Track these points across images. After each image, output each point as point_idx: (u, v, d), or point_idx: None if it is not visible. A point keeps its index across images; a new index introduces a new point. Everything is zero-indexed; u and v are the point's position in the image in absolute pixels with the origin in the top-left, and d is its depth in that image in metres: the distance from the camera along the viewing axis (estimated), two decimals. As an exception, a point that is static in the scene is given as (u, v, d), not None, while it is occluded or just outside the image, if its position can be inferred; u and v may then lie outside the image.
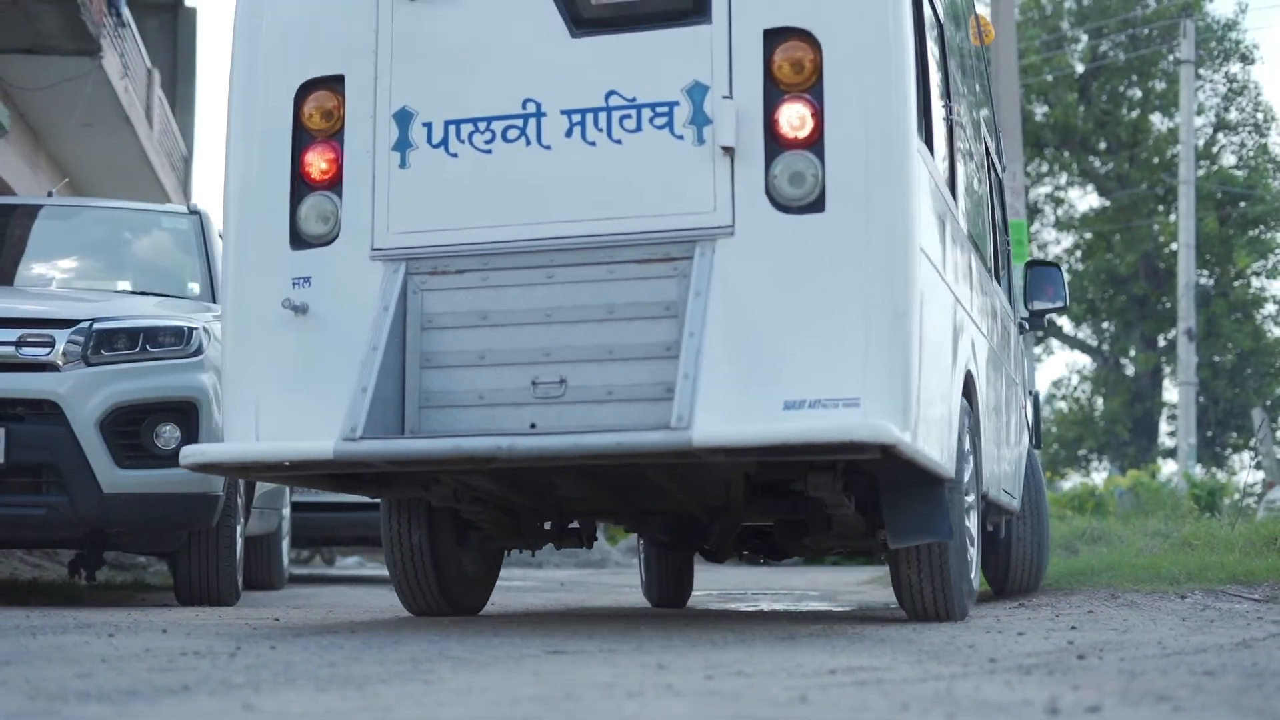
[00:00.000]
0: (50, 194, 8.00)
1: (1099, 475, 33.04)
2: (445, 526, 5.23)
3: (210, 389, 6.06)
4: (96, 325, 5.90)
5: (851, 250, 4.01)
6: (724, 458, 4.05)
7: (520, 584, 10.96)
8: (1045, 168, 34.35)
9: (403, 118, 4.35)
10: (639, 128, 4.19)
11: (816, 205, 4.05)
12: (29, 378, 5.77)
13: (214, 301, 6.96)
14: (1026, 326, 7.62)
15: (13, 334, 5.80)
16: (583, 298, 4.19)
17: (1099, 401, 34.64)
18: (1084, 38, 33.58)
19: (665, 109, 4.18)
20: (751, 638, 4.10)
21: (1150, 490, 21.09)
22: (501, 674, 3.00)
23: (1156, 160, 32.88)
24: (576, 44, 4.26)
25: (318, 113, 4.42)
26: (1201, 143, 32.14)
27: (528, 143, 4.25)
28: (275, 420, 4.32)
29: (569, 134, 4.23)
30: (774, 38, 4.11)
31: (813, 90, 4.07)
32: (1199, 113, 31.52)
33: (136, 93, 15.51)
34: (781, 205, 4.07)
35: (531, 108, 4.26)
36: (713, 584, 11.16)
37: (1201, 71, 31.96)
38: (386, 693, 2.65)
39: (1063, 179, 34.69)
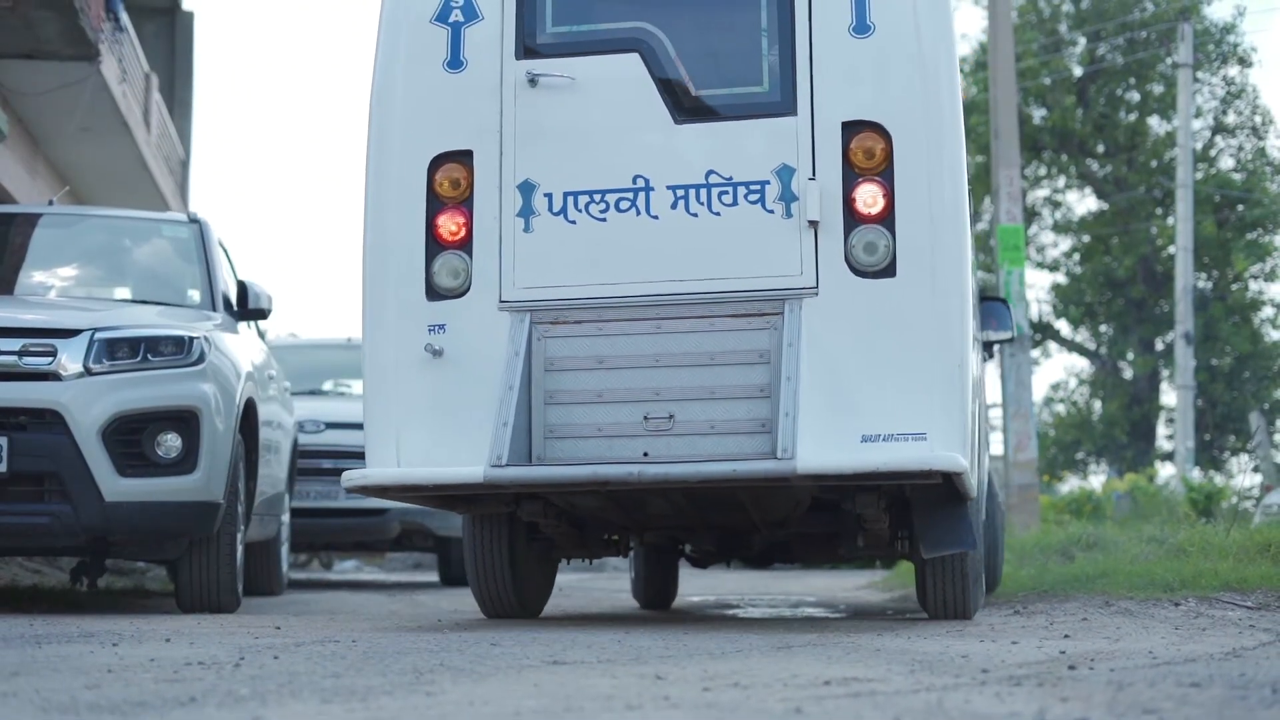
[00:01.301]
0: (51, 202, 8.04)
1: (1096, 479, 33.09)
2: (521, 539, 5.78)
3: (211, 398, 6.10)
4: (98, 335, 5.93)
5: (918, 309, 4.79)
6: (812, 482, 4.76)
7: (519, 589, 10.98)
8: (1043, 171, 34.35)
9: (526, 188, 5.04)
10: (735, 202, 4.94)
11: (888, 271, 4.83)
12: (31, 387, 5.80)
13: (214, 310, 7.00)
14: (987, 356, 8.23)
15: (15, 343, 5.84)
16: (687, 346, 4.90)
17: (1097, 405, 34.66)
18: (1082, 41, 33.62)
19: (758, 187, 4.93)
20: (748, 647, 4.14)
21: (1147, 494, 21.13)
22: (502, 685, 3.05)
23: (1154, 163, 32.88)
24: (679, 129, 5.01)
25: (448, 182, 5.06)
26: (1199, 146, 32.16)
27: (638, 213, 4.98)
28: (415, 448, 4.95)
29: (674, 206, 4.96)
30: (850, 129, 4.90)
31: (884, 173, 4.85)
32: (1197, 116, 31.54)
33: (134, 97, 15.55)
34: (858, 270, 4.84)
35: (641, 183, 4.99)
36: (710, 590, 11.20)
37: (1199, 75, 31.97)
38: (390, 704, 2.70)
39: (1061, 182, 34.70)
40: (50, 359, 5.83)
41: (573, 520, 5.69)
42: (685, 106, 5.03)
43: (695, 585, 11.78)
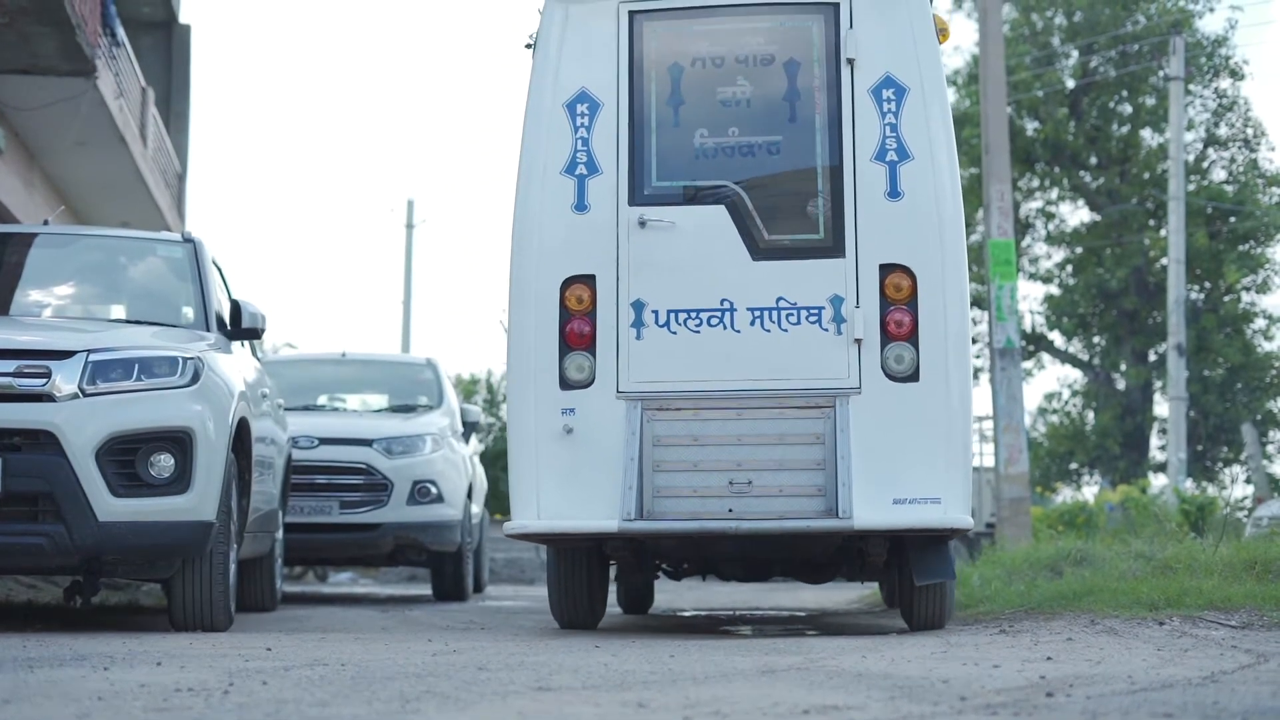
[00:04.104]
0: (46, 222, 8.09)
1: (1090, 490, 33.13)
2: (595, 566, 6.96)
3: (205, 418, 6.14)
4: (92, 356, 5.98)
5: (935, 406, 6.24)
6: (862, 533, 6.21)
7: (512, 603, 11.04)
8: (1036, 183, 34.46)
9: (637, 305, 6.42)
10: (799, 322, 6.36)
11: (913, 377, 6.27)
12: (25, 408, 5.85)
13: (207, 329, 7.05)
14: None
15: (10, 365, 5.88)
16: (762, 429, 6.28)
17: (1090, 416, 34.72)
18: (1074, 54, 33.71)
19: (816, 311, 6.36)
20: (732, 671, 4.19)
21: (1140, 506, 21.16)
22: (486, 713, 3.10)
23: (1147, 175, 32.97)
24: (755, 265, 6.42)
25: (574, 298, 6.42)
26: (1191, 158, 32.24)
27: (724, 328, 6.38)
28: (551, 504, 6.28)
29: (752, 323, 6.37)
30: (886, 269, 6.35)
31: (910, 303, 6.31)
32: (1189, 128, 31.62)
33: (131, 111, 15.60)
34: (891, 376, 6.28)
35: (726, 305, 6.39)
36: (704, 601, 11.24)
37: (1191, 87, 32.05)
38: (374, 736, 2.74)
39: (1054, 194, 34.79)
40: (44, 380, 5.88)
41: (636, 553, 6.94)
42: (760, 248, 6.43)
43: (691, 598, 11.82)
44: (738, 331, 6.36)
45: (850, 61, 6.49)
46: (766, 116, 6.56)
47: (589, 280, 6.42)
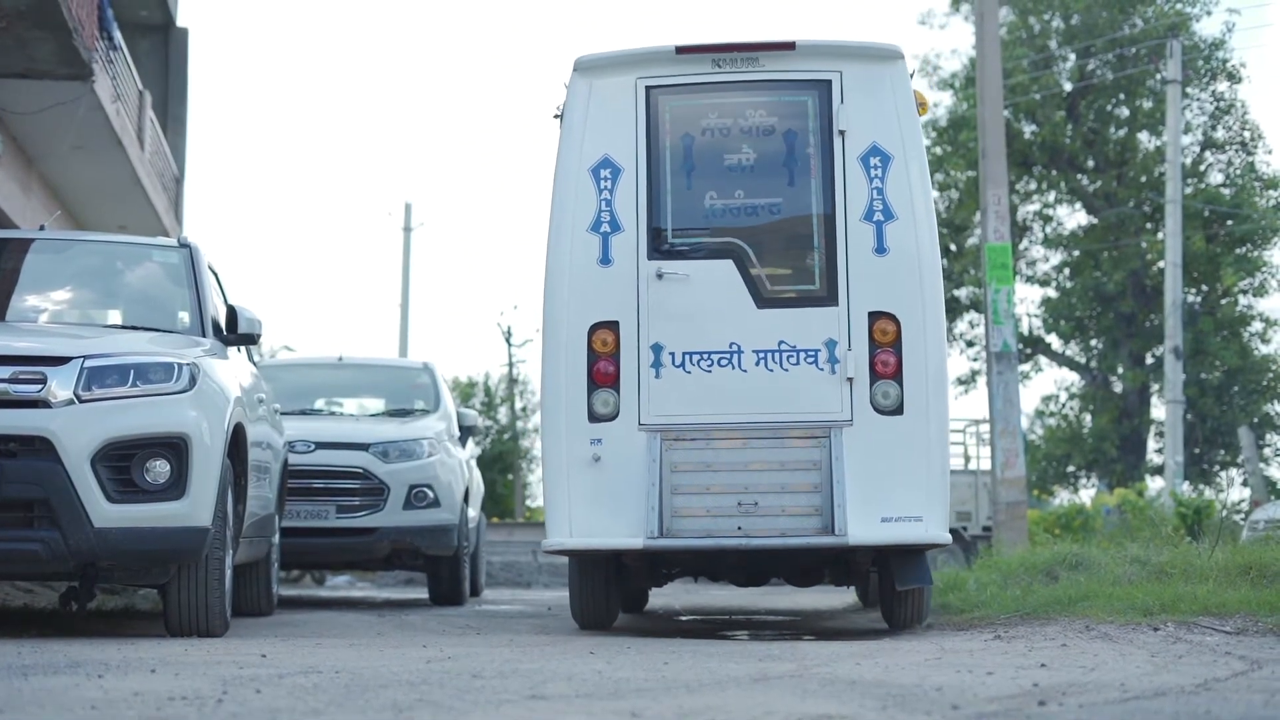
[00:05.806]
0: (42, 227, 8.10)
1: (1087, 493, 33.13)
2: (612, 573, 7.65)
3: (200, 424, 6.14)
4: (88, 362, 5.98)
5: (918, 436, 7.01)
6: (854, 547, 6.93)
7: (509, 608, 11.04)
8: (1033, 186, 34.45)
9: (656, 348, 7.21)
10: (798, 363, 7.15)
11: (898, 411, 7.06)
12: (21, 414, 5.85)
13: (203, 335, 7.05)
14: None
15: (6, 371, 5.88)
16: (766, 456, 7.07)
17: (1087, 418, 34.72)
18: (1072, 57, 33.72)
19: (813, 352, 7.15)
20: (726, 679, 4.20)
21: (1136, 509, 21.18)
22: (479, 722, 3.10)
23: (1144, 179, 32.96)
24: (760, 312, 7.21)
25: (600, 341, 7.22)
26: (1189, 161, 32.23)
27: (733, 368, 7.17)
28: (581, 523, 7.06)
29: (757, 364, 7.16)
30: (874, 316, 7.14)
31: (894, 346, 7.10)
32: (1186, 131, 31.62)
33: (128, 115, 15.59)
34: (879, 410, 7.06)
35: (734, 348, 7.18)
36: (698, 603, 11.24)
37: (1189, 90, 32.03)
38: (367, 746, 2.75)
39: (1051, 197, 34.80)
40: (40, 386, 5.88)
41: (651, 563, 7.66)
42: (763, 297, 7.21)
43: (686, 599, 11.82)
44: (744, 371, 7.13)
45: (841, 133, 7.29)
46: (768, 180, 7.36)
47: (613, 326, 7.21)
